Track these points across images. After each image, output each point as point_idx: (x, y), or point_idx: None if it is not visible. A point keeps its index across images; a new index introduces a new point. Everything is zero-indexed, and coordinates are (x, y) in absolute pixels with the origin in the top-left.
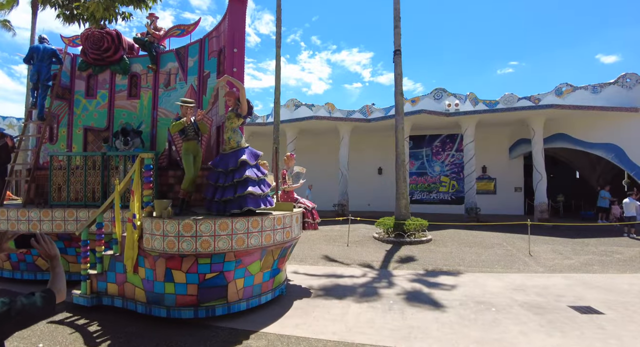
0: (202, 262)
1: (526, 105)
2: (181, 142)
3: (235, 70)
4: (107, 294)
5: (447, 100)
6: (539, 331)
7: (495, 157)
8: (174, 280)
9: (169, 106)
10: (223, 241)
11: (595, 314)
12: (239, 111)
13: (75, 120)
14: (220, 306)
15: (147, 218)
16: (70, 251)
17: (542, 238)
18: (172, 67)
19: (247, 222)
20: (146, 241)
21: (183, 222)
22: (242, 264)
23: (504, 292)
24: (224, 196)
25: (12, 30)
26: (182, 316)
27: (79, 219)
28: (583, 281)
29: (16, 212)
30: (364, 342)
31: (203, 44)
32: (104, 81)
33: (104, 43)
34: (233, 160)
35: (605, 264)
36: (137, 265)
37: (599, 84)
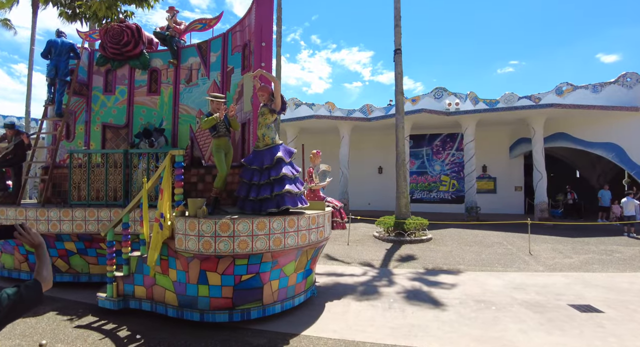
0: (238, 264)
1: (526, 105)
2: (205, 139)
3: (264, 64)
4: (134, 297)
5: (447, 99)
6: (538, 329)
7: (496, 157)
8: (208, 282)
9: (190, 102)
10: (261, 241)
11: (595, 313)
12: (272, 107)
13: (93, 117)
14: (256, 308)
15: (181, 218)
16: (90, 252)
17: (542, 237)
18: (193, 62)
19: (284, 221)
20: (179, 242)
21: (220, 222)
22: (278, 265)
23: (504, 291)
24: (260, 194)
25: (12, 29)
26: (216, 320)
27: (100, 219)
28: (583, 279)
29: (35, 211)
30: (365, 340)
31: (226, 38)
32: (122, 77)
33: (123, 37)
34: (268, 157)
35: (605, 263)
36: (167, 267)
37: (600, 83)
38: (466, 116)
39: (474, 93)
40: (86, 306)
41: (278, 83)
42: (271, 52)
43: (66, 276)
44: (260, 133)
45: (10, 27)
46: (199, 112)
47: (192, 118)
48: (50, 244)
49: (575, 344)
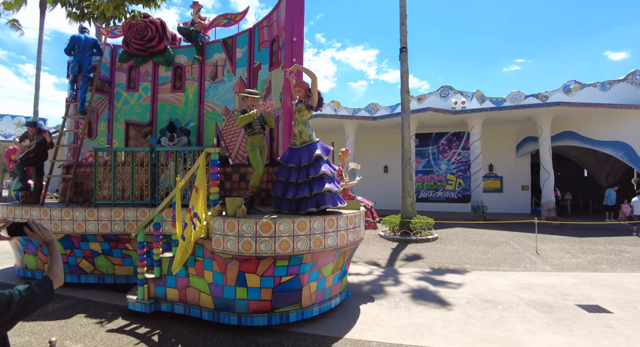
0: (279, 265)
1: (533, 103)
2: (232, 137)
3: (295, 60)
4: (165, 299)
5: (453, 98)
6: (546, 329)
7: (502, 155)
8: (246, 284)
9: (216, 99)
10: (302, 241)
11: (603, 313)
12: (309, 103)
13: (116, 115)
14: (295, 311)
15: (218, 217)
16: (116, 253)
17: (550, 237)
18: (218, 59)
19: (324, 221)
20: (216, 243)
21: (261, 222)
22: (317, 266)
23: (511, 291)
24: (298, 193)
25: (20, 29)
26: (254, 324)
27: (126, 219)
28: (591, 279)
29: (60, 211)
30: (371, 339)
31: (252, 34)
32: (146, 73)
33: (147, 32)
34: (306, 155)
35: (614, 263)
36: (202, 268)
37: (608, 81)
38: (472, 115)
39: (480, 91)
40: (115, 308)
41: (316, 78)
42: (302, 48)
43: (91, 277)
44: (297, 130)
45: (18, 27)
46: (224, 109)
47: (217, 116)
48: (75, 244)
49: (583, 345)
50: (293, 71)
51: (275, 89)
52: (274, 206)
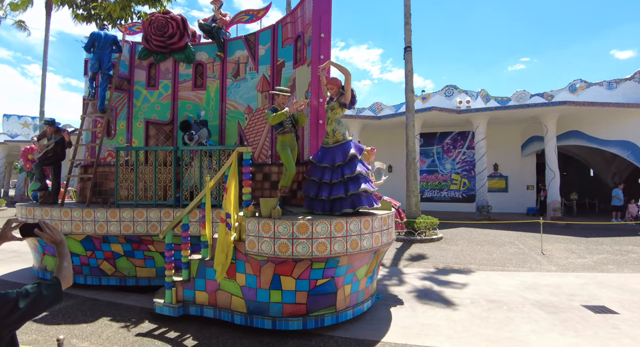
0: (316, 267)
1: (539, 102)
2: (254, 136)
3: (323, 57)
4: (194, 303)
5: (458, 97)
6: (551, 329)
7: (507, 155)
8: (281, 287)
9: (238, 98)
10: (339, 243)
11: (609, 314)
12: (342, 100)
13: (136, 113)
14: (329, 315)
15: (253, 218)
16: (138, 254)
17: (555, 237)
18: (240, 56)
19: (360, 222)
20: (250, 244)
21: (298, 223)
22: (351, 268)
23: (516, 291)
24: (332, 193)
25: (26, 30)
26: (289, 328)
27: (149, 220)
28: (597, 280)
29: (81, 212)
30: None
31: (276, 30)
32: (166, 70)
33: (168, 29)
34: (340, 154)
35: (620, 263)
36: (234, 271)
37: (615, 79)
38: (477, 114)
39: (485, 91)
40: (139, 311)
41: (350, 75)
42: (330, 44)
43: (112, 280)
44: (330, 129)
45: (24, 28)
46: (247, 108)
47: (240, 114)
48: (96, 246)
49: (589, 346)
50: (325, 68)
51: (300, 87)
52: (306, 207)
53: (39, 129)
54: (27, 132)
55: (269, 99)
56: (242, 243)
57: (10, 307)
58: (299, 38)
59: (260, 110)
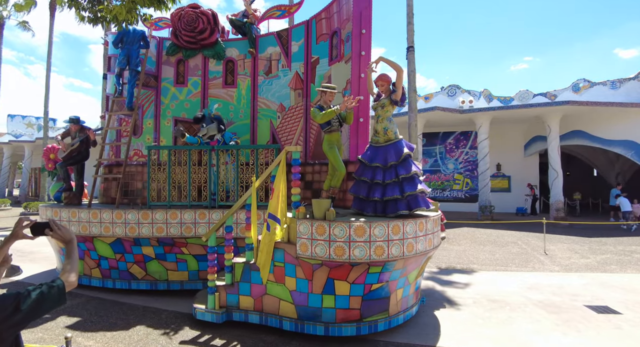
0: (372, 272)
1: (542, 102)
2: (287, 135)
3: (364, 53)
4: (238, 308)
5: (461, 96)
6: (554, 330)
7: (510, 155)
8: (334, 292)
9: (270, 96)
10: (396, 246)
11: (612, 314)
12: (394, 97)
13: (164, 111)
14: (383, 320)
15: (305, 220)
16: (170, 257)
17: (558, 237)
18: (272, 52)
19: (415, 225)
20: (302, 247)
21: (355, 226)
22: (405, 272)
23: (519, 291)
24: (386, 194)
25: (30, 30)
26: (343, 334)
27: (183, 222)
28: (600, 280)
29: (111, 213)
30: (378, 339)
31: (309, 26)
32: (195, 67)
33: (198, 24)
34: (393, 153)
35: (624, 263)
36: (282, 274)
37: (618, 79)
38: (480, 114)
39: (488, 90)
40: (175, 316)
41: (402, 71)
42: (370, 40)
43: (142, 284)
44: (382, 127)
45: (28, 29)
46: (279, 106)
47: (272, 112)
48: (126, 248)
49: (592, 346)
50: (377, 62)
51: (337, 84)
52: (355, 208)
53: (43, 129)
54: (31, 132)
55: (303, 96)
56: (292, 246)
57: (12, 309)
58: (335, 34)
59: (294, 108)
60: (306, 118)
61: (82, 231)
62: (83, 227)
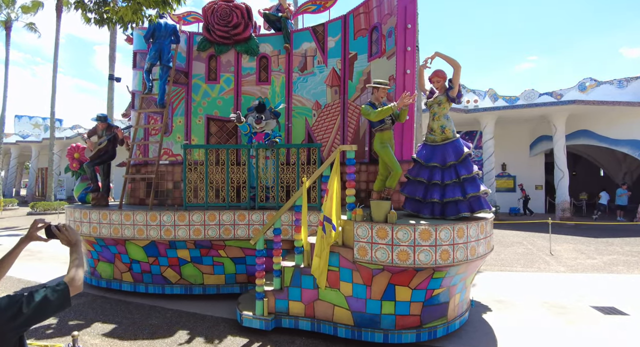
0: (436, 277)
1: (547, 101)
2: (323, 133)
3: (409, 49)
4: (288, 314)
5: (465, 96)
6: (559, 331)
7: (515, 155)
8: (395, 298)
9: (305, 93)
10: (461, 250)
11: (619, 315)
12: (451, 94)
13: (195, 109)
14: (442, 325)
15: (364, 223)
16: (206, 261)
17: (564, 237)
18: (307, 48)
19: (478, 227)
20: (361, 251)
21: (420, 229)
22: (465, 276)
23: (524, 292)
24: (446, 195)
25: (37, 32)
26: (402, 341)
27: (222, 223)
28: (607, 281)
29: (144, 215)
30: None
31: (347, 21)
32: (228, 63)
33: (232, 18)
34: (452, 152)
35: (631, 264)
36: (337, 279)
37: (625, 78)
38: (485, 113)
39: (493, 90)
40: (218, 322)
41: (460, 67)
42: (415, 36)
43: (176, 288)
44: (439, 125)
45: (35, 30)
46: (315, 103)
47: (307, 110)
48: (161, 252)
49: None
50: (432, 58)
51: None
52: (409, 209)
53: (49, 130)
54: (38, 132)
55: (340, 93)
56: (348, 250)
57: (14, 312)
58: (375, 29)
59: (330, 106)
60: (343, 116)
61: (113, 233)
62: (115, 229)
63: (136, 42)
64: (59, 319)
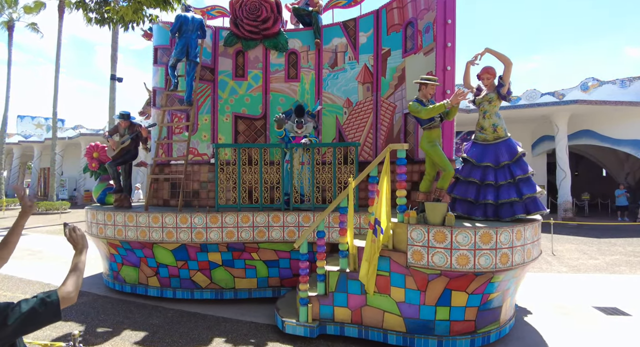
0: (494, 281)
1: (549, 101)
2: (354, 132)
3: (450, 45)
4: (333, 321)
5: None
6: (561, 331)
7: None
8: (450, 303)
9: (336, 90)
10: (518, 253)
11: (621, 316)
12: (502, 91)
13: (222, 106)
14: (495, 330)
15: (419, 226)
16: (238, 264)
17: (566, 237)
18: (338, 44)
19: (533, 229)
20: (416, 256)
21: (481, 232)
22: (517, 280)
23: (525, 292)
24: (501, 196)
25: (39, 32)
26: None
27: (255, 225)
28: (609, 281)
29: (174, 218)
30: None
31: (379, 16)
32: (255, 59)
33: (262, 12)
34: (505, 152)
35: (634, 265)
36: (387, 285)
37: (628, 78)
38: None
39: None
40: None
41: (511, 64)
42: (455, 32)
43: (206, 293)
44: (490, 123)
45: (37, 30)
46: (346, 101)
47: (338, 108)
48: (191, 255)
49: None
50: (482, 54)
51: (412, 77)
52: (460, 211)
53: (52, 130)
54: (40, 132)
55: (372, 90)
56: (400, 254)
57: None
58: (409, 25)
59: (362, 103)
60: (376, 113)
61: (140, 236)
62: (142, 232)
63: (157, 37)
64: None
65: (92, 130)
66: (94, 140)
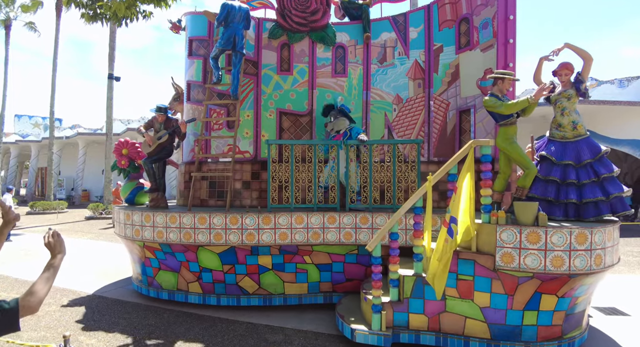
0: (585, 283)
1: None
2: (405, 129)
3: (511, 41)
4: (407, 328)
5: None
6: None
7: None
8: (538, 307)
9: (385, 86)
10: (609, 254)
11: (620, 316)
12: (582, 88)
13: (265, 102)
14: (579, 335)
15: (509, 227)
16: (288, 268)
17: None
18: (387, 39)
19: (613, 230)
20: (505, 258)
21: (576, 232)
22: (600, 282)
23: None
24: (584, 196)
25: (37, 31)
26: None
27: (310, 227)
28: (607, 281)
29: (223, 218)
30: None
31: (430, 11)
32: (301, 53)
33: (311, 3)
34: (587, 150)
35: (632, 265)
36: (470, 289)
37: (626, 77)
38: None
39: None
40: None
41: (591, 60)
42: (516, 28)
43: (254, 299)
44: (569, 120)
45: (34, 29)
46: (396, 97)
47: (387, 104)
48: (239, 259)
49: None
50: (561, 50)
51: (467, 74)
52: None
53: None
54: (37, 132)
55: (424, 86)
56: (486, 257)
57: None
58: (464, 20)
59: (412, 100)
60: (428, 110)
61: (184, 238)
62: (186, 234)
63: (192, 28)
64: None
65: (89, 129)
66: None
